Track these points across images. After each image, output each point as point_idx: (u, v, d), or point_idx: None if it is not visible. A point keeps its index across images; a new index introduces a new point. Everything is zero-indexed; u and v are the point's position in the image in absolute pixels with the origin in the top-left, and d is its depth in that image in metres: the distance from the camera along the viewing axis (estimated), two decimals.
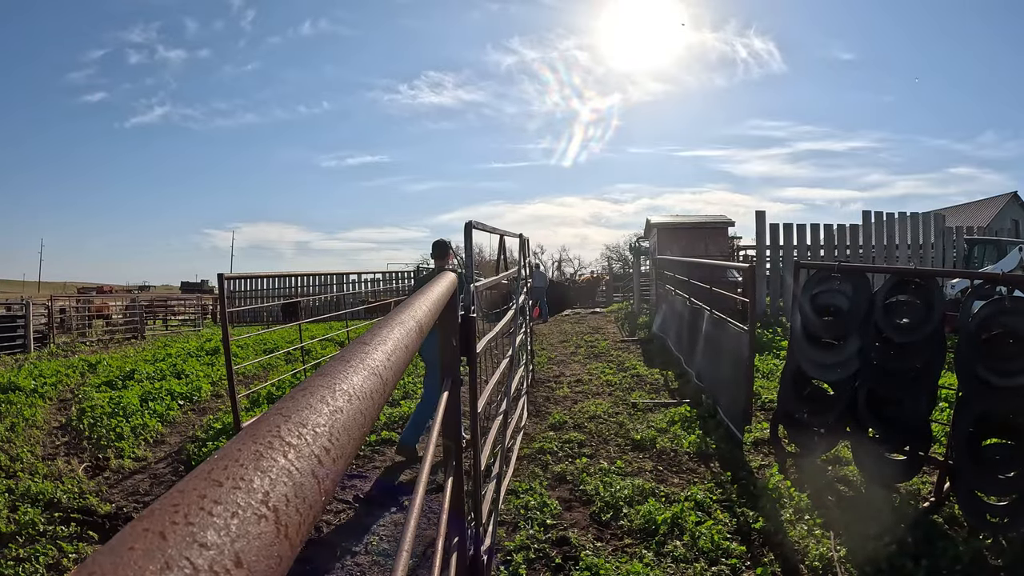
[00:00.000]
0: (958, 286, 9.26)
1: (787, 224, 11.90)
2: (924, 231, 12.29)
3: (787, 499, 3.72)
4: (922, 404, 3.68)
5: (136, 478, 4.99)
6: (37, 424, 6.42)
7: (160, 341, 14.54)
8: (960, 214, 28.60)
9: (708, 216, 16.43)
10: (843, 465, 4.25)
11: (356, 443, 0.44)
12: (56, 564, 3.63)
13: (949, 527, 3.43)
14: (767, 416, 5.18)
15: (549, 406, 6.33)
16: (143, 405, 6.76)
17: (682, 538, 3.37)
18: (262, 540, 0.28)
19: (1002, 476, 3.31)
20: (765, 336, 9.07)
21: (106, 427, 5.98)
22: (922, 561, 3.02)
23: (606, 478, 4.16)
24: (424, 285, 1.33)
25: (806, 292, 4.24)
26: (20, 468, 5.07)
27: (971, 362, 3.36)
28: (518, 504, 3.87)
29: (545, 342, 11.17)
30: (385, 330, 0.70)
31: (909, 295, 3.81)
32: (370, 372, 0.54)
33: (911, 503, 3.72)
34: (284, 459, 0.34)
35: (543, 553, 3.34)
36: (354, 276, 22.96)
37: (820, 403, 4.21)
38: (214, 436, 5.72)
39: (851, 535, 3.29)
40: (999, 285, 3.59)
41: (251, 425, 0.37)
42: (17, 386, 7.76)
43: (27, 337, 13.14)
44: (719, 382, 5.68)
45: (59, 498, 4.40)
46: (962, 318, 3.50)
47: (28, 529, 3.96)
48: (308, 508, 0.33)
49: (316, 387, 0.45)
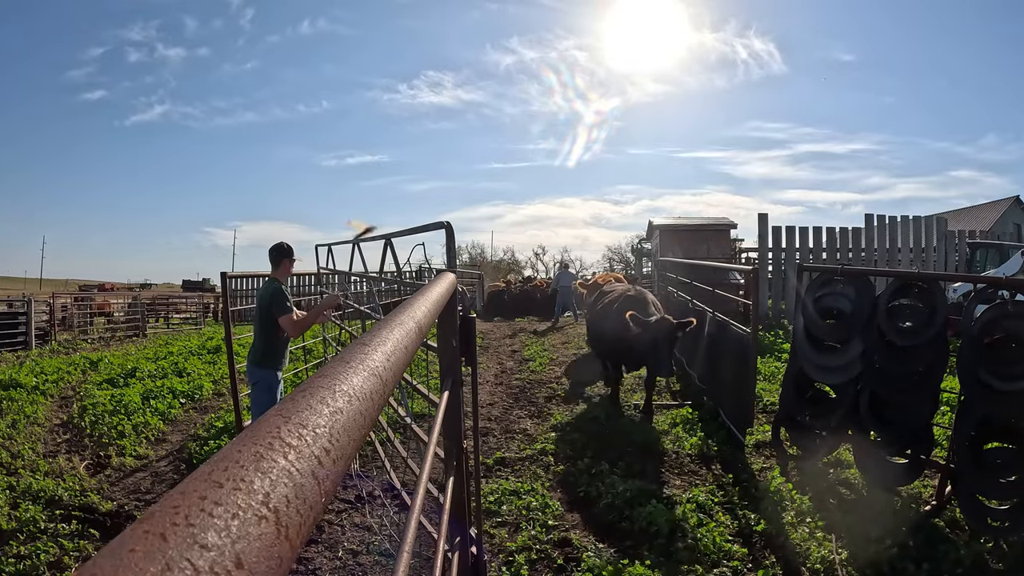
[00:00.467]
0: (960, 290, 9.23)
1: (789, 227, 11.88)
2: (927, 235, 12.27)
3: (789, 502, 3.72)
4: (924, 408, 3.68)
5: (137, 476, 5.00)
6: (38, 421, 6.43)
7: (162, 339, 14.57)
8: (962, 218, 28.54)
9: (710, 218, 16.42)
10: (845, 468, 4.24)
11: (356, 444, 0.44)
12: (57, 562, 3.63)
13: (950, 531, 3.42)
14: (769, 419, 5.17)
15: (551, 407, 6.33)
16: (145, 403, 6.78)
17: (684, 540, 3.37)
18: (263, 541, 0.28)
19: (1003, 480, 3.31)
20: (767, 339, 9.05)
21: (107, 425, 5.99)
22: (923, 564, 3.02)
23: (608, 480, 4.16)
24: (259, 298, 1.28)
25: (809, 295, 4.23)
26: (21, 465, 5.09)
27: (973, 366, 3.35)
28: (520, 505, 3.87)
29: (547, 343, 11.17)
30: (385, 331, 0.70)
31: (912, 299, 3.81)
32: (370, 373, 0.54)
33: (912, 506, 3.71)
34: (284, 460, 0.34)
35: (545, 554, 3.34)
36: (355, 276, 22.92)
37: (822, 406, 4.20)
38: (216, 435, 5.73)
39: (853, 538, 3.28)
40: (1001, 289, 3.59)
41: (251, 426, 0.37)
42: (19, 383, 7.78)
43: (29, 334, 13.18)
44: (721, 384, 5.67)
45: (60, 495, 4.41)
46: (964, 322, 3.50)
47: (29, 526, 3.97)
48: (308, 509, 0.33)
49: (316, 388, 0.45)
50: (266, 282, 4.47)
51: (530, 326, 14.24)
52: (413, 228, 3.74)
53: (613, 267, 40.93)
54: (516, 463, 4.72)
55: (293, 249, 4.50)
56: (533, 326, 14.18)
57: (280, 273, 4.43)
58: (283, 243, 4.50)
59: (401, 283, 5.43)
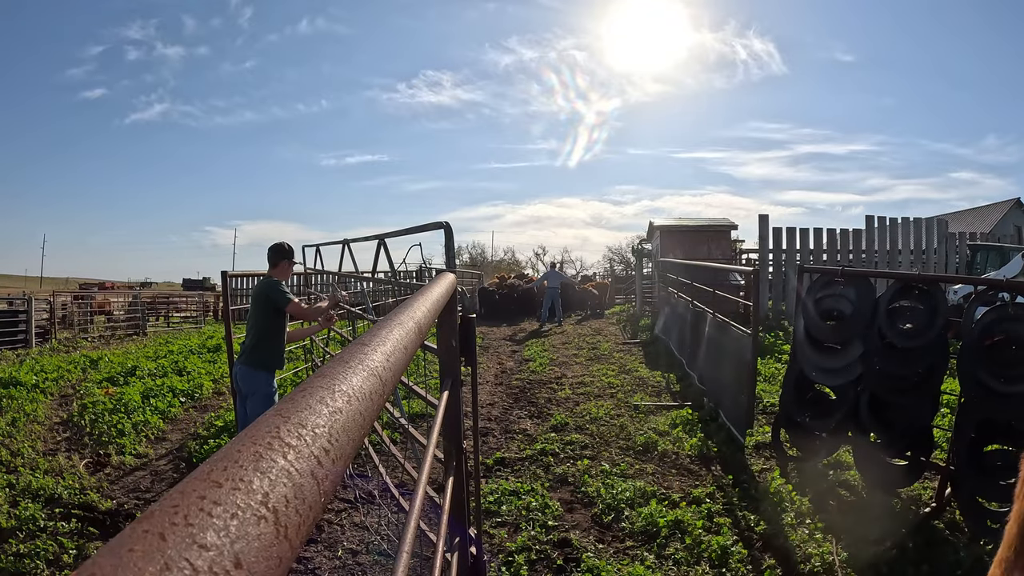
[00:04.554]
0: (961, 292, 9.23)
1: (790, 228, 11.90)
2: (927, 236, 12.28)
3: (788, 503, 3.72)
4: (924, 409, 3.67)
5: (137, 475, 5.00)
6: (38, 420, 6.43)
7: (162, 338, 14.57)
8: (963, 220, 28.55)
9: (711, 219, 16.41)
10: (844, 469, 4.24)
11: (355, 444, 0.44)
12: (56, 560, 3.63)
13: (950, 533, 3.42)
14: (769, 420, 5.17)
15: (551, 407, 6.33)
16: (144, 402, 6.78)
17: (683, 541, 3.37)
18: (262, 541, 0.28)
19: (1003, 482, 3.30)
20: (767, 340, 9.05)
21: (107, 423, 5.99)
22: (923, 566, 3.01)
23: (608, 480, 4.15)
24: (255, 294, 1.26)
25: (809, 296, 4.23)
26: (21, 463, 5.09)
27: (973, 368, 3.35)
28: (519, 505, 3.87)
29: (547, 343, 11.17)
30: (384, 331, 0.70)
31: (912, 300, 3.81)
32: (369, 373, 0.54)
33: (912, 508, 3.71)
34: (284, 460, 0.34)
35: (545, 554, 3.34)
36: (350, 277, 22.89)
37: (822, 407, 4.20)
38: (215, 433, 5.73)
39: (852, 539, 3.28)
40: (1002, 291, 3.59)
41: (250, 426, 0.37)
42: (18, 381, 7.78)
43: (29, 332, 13.18)
44: (721, 385, 5.67)
45: (60, 494, 4.41)
46: (965, 324, 3.50)
47: (28, 524, 3.97)
48: (308, 509, 0.33)
49: (315, 388, 0.45)
50: (261, 280, 4.22)
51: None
52: (409, 228, 3.68)
53: (614, 268, 40.94)
54: (516, 463, 4.72)
55: (294, 250, 4.32)
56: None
57: (278, 273, 4.19)
58: (283, 243, 4.29)
59: (396, 284, 5.34)
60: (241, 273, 11.43)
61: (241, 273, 11.43)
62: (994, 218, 28.24)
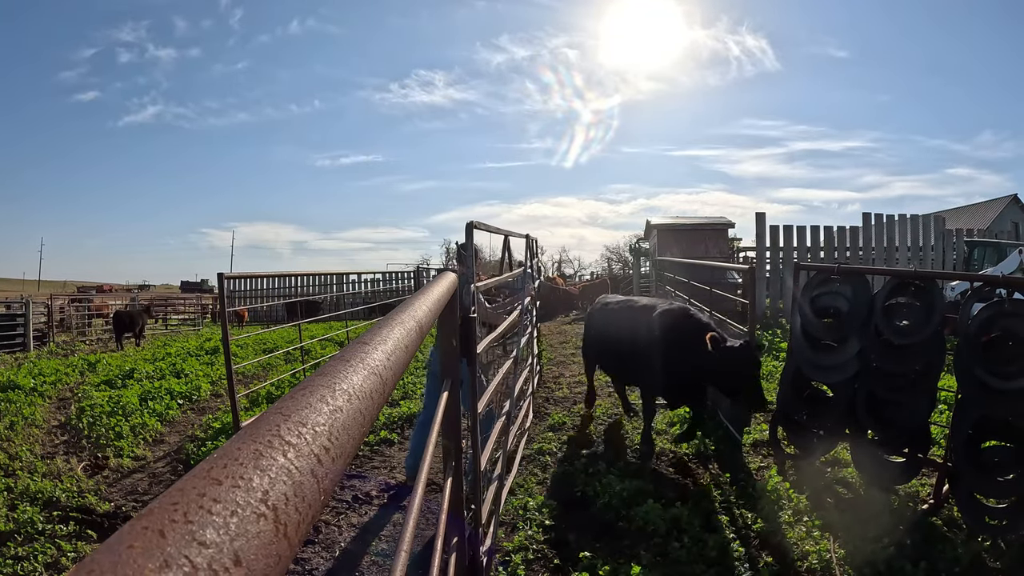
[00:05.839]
0: (958, 288, 9.26)
1: (787, 226, 11.90)
2: (924, 233, 12.30)
3: (786, 501, 3.72)
4: (921, 406, 3.68)
5: (135, 477, 4.99)
6: (36, 423, 6.41)
7: (160, 340, 14.53)
8: (960, 216, 28.62)
9: (708, 217, 16.45)
10: (842, 467, 4.25)
11: (356, 442, 0.44)
12: (55, 563, 3.62)
13: (948, 529, 3.42)
14: (766, 418, 5.18)
15: (548, 407, 6.32)
16: (142, 404, 6.76)
17: (681, 540, 3.37)
18: (261, 539, 0.28)
19: (1001, 479, 3.31)
20: (765, 338, 9.06)
21: (105, 426, 5.97)
22: (921, 563, 3.02)
23: (605, 479, 4.15)
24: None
25: (806, 294, 4.23)
26: (19, 466, 5.07)
27: (971, 364, 3.35)
28: (517, 504, 3.87)
29: (545, 342, 11.17)
30: (385, 330, 0.70)
31: (909, 297, 3.81)
32: (370, 372, 0.54)
33: (910, 505, 3.72)
34: (283, 458, 0.34)
35: (542, 554, 3.34)
36: (354, 276, 22.96)
37: (819, 405, 4.21)
38: (213, 435, 5.71)
39: (850, 537, 3.29)
40: (999, 287, 3.59)
41: (251, 424, 0.37)
42: (16, 384, 7.76)
43: (27, 336, 13.14)
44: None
45: (58, 497, 4.40)
46: (962, 320, 3.50)
47: (27, 527, 3.95)
48: (307, 507, 0.33)
49: (316, 386, 0.45)
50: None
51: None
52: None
53: (611, 266, 40.93)
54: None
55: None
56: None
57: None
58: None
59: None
60: (238, 275, 11.37)
61: (238, 275, 11.37)
62: (991, 214, 28.31)
